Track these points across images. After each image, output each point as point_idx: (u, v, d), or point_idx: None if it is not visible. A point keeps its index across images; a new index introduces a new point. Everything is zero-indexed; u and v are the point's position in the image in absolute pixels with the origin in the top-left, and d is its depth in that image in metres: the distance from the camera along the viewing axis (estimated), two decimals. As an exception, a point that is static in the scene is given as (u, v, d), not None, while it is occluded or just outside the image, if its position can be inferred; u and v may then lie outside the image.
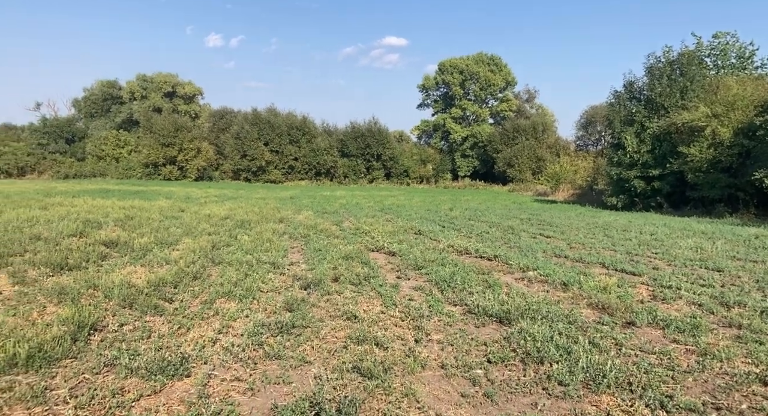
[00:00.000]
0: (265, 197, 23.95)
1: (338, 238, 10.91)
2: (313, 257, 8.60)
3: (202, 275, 6.95)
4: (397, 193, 34.07)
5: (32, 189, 23.98)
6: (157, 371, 3.64)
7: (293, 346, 4.42)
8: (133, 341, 4.32)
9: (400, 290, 6.58)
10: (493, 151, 49.68)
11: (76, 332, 4.29)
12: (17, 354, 3.64)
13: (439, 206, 21.70)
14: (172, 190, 28.21)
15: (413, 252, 9.12)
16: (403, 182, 50.43)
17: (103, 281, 6.12)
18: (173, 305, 5.53)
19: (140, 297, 5.51)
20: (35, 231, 9.23)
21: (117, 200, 18.17)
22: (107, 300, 5.44)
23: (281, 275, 7.22)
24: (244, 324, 4.94)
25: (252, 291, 6.13)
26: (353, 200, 24.41)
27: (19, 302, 5.20)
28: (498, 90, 55.10)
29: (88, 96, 60.11)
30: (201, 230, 10.88)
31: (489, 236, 11.76)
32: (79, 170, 44.72)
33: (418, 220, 15.00)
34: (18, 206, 13.50)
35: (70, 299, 5.34)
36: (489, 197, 31.20)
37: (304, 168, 47.95)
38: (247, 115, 50.16)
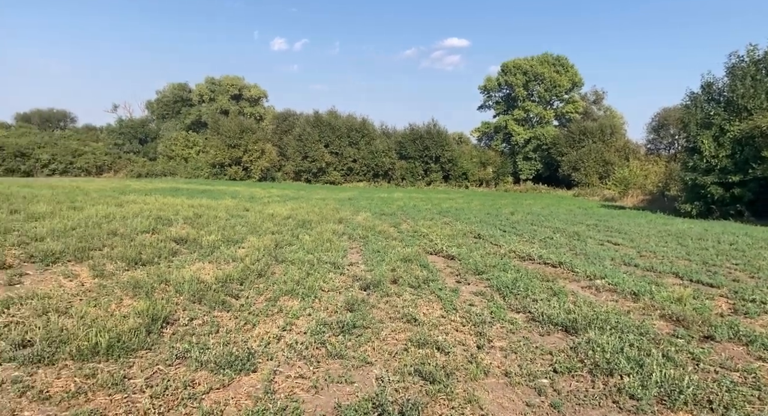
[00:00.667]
0: (325, 198, 24.35)
1: (396, 240, 10.92)
2: (371, 258, 8.65)
3: (266, 272, 7.13)
4: (455, 196, 33.78)
5: (109, 187, 25.45)
6: (226, 365, 3.76)
7: (355, 346, 4.45)
8: (202, 335, 4.48)
9: (460, 295, 6.50)
10: (558, 154, 48.32)
11: (150, 324, 4.49)
12: (99, 343, 3.86)
13: (500, 209, 21.33)
14: (237, 189, 29.18)
15: (473, 256, 8.99)
16: (462, 184, 49.91)
17: (174, 276, 6.38)
18: (239, 301, 5.70)
19: (209, 293, 5.71)
20: (112, 227, 9.76)
21: (186, 198, 18.97)
22: (178, 295, 5.68)
23: (341, 276, 7.30)
24: (306, 323, 5.02)
25: (314, 290, 6.22)
26: (411, 202, 24.40)
27: (99, 294, 5.51)
28: (564, 91, 53.56)
29: (161, 98, 63.28)
30: (265, 229, 11.16)
31: (553, 242, 11.44)
32: (151, 169, 47.08)
33: (478, 224, 14.80)
34: (96, 202, 14.34)
35: (145, 292, 5.60)
36: (552, 202, 30.36)
37: (362, 170, 48.43)
38: (308, 117, 51.24)
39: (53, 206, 12.42)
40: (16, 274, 6.14)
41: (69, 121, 76.32)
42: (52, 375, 3.51)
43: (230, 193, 25.04)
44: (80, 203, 13.84)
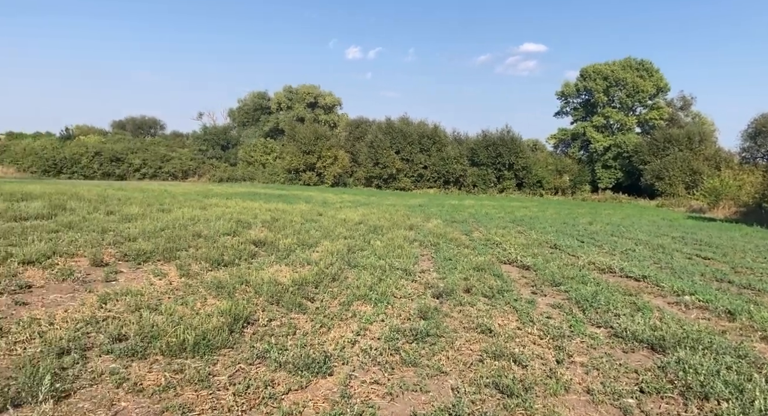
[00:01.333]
0: (395, 204, 24.47)
1: (468, 248, 10.77)
2: (443, 266, 8.58)
3: (339, 277, 7.24)
4: (529, 204, 32.91)
5: (193, 191, 26.87)
6: (303, 367, 3.84)
7: (429, 355, 4.41)
8: (280, 336, 4.60)
9: (536, 307, 6.30)
10: (640, 162, 45.93)
11: (232, 324, 4.67)
12: (186, 340, 4.06)
13: (577, 219, 20.54)
14: (310, 194, 29.96)
15: (549, 267, 8.70)
16: (536, 192, 48.56)
17: (253, 277, 6.61)
18: (315, 304, 5.82)
19: (286, 295, 5.88)
20: (197, 229, 10.27)
21: (263, 202, 19.68)
22: (257, 296, 5.87)
23: (413, 282, 7.29)
24: (380, 328, 5.04)
25: (386, 296, 6.24)
26: (482, 209, 24.03)
27: (186, 293, 5.81)
28: (647, 97, 50.91)
29: (242, 106, 66.27)
30: (337, 234, 11.36)
31: (636, 254, 10.86)
32: (232, 174, 49.30)
33: (554, 233, 14.32)
34: (182, 205, 15.18)
35: (227, 292, 5.85)
36: (634, 212, 28.87)
37: (433, 176, 48.28)
38: (381, 124, 51.82)
39: (144, 208, 13.27)
40: (112, 271, 6.59)
41: (159, 128, 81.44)
42: (145, 368, 3.73)
43: (304, 198, 25.73)
44: (168, 205, 14.69)
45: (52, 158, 43.80)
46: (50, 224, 9.42)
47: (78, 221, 9.94)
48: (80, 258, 7.13)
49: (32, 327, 4.33)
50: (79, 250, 7.46)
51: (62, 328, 4.35)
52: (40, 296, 5.38)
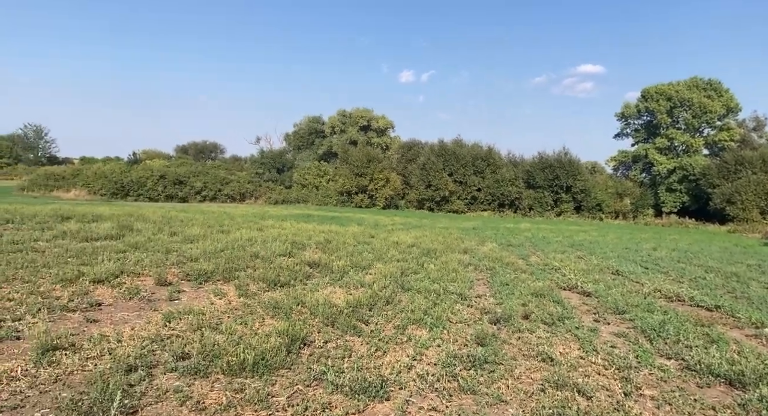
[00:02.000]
0: (448, 227, 24.26)
1: (525, 273, 10.49)
2: (500, 291, 8.38)
3: (393, 300, 7.20)
4: (588, 228, 31.87)
5: (250, 212, 27.65)
6: (360, 390, 3.81)
7: (487, 382, 4.28)
8: (336, 358, 4.60)
9: (599, 335, 6.03)
10: (708, 185, 43.64)
11: (289, 344, 4.71)
12: (246, 359, 4.12)
13: (640, 244, 19.66)
14: (362, 217, 30.19)
15: (612, 294, 8.34)
16: (596, 216, 46.95)
17: (308, 298, 6.68)
18: (369, 327, 5.79)
19: (341, 317, 5.89)
20: (254, 250, 10.52)
21: (317, 224, 19.99)
22: (313, 317, 5.92)
23: (469, 307, 7.15)
24: (436, 354, 4.95)
25: (441, 321, 6.15)
26: (539, 233, 23.43)
27: (244, 313, 5.93)
28: (716, 118, 48.58)
29: (297, 131, 68.13)
30: (390, 257, 11.34)
31: (706, 282, 10.24)
32: (287, 196, 50.45)
33: (615, 259, 13.75)
34: (241, 227, 15.61)
35: (284, 313, 5.92)
36: (702, 238, 27.36)
37: (487, 199, 47.65)
38: (433, 146, 51.84)
39: (205, 229, 13.74)
40: (175, 291, 6.82)
41: (219, 152, 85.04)
42: (207, 387, 3.80)
43: (356, 220, 25.95)
44: (227, 227, 15.16)
45: (120, 181, 46.28)
46: (118, 245, 9.90)
47: (144, 242, 10.40)
48: (146, 277, 7.43)
49: (102, 344, 4.51)
50: (145, 270, 7.78)
51: (130, 345, 4.51)
52: (109, 314, 5.63)
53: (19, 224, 12.02)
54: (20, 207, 16.80)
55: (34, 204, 20.76)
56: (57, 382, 3.74)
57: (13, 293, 5.93)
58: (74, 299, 5.91)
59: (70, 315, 5.43)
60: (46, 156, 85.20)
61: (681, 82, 49.99)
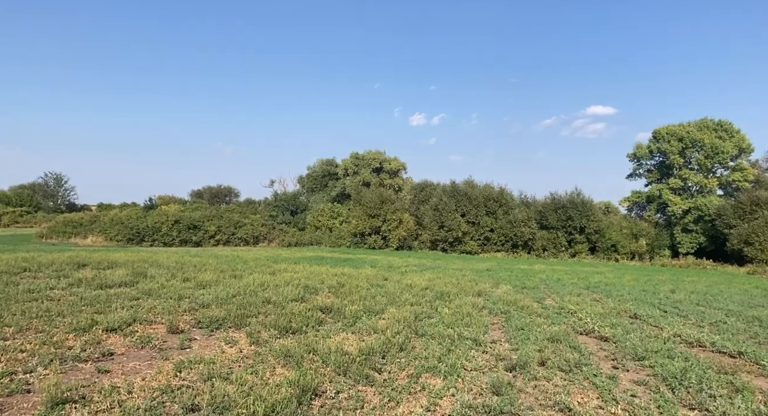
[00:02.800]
0: (462, 268, 24.06)
1: (541, 317, 10.31)
2: (515, 336, 8.23)
3: (406, 347, 7.09)
4: (603, 269, 31.39)
5: (263, 256, 27.73)
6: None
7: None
8: (348, 410, 4.52)
9: (618, 383, 5.86)
10: (724, 226, 43.02)
11: (300, 395, 4.64)
12: (256, 412, 4.07)
13: (658, 286, 19.29)
14: (376, 258, 30.10)
15: (630, 339, 8.15)
16: (611, 257, 46.31)
17: (320, 346, 6.60)
18: (382, 376, 5.70)
19: (353, 366, 5.80)
20: (266, 295, 10.50)
21: (330, 267, 19.94)
22: (324, 366, 5.84)
23: (484, 354, 7.02)
24: (450, 404, 4.84)
25: (456, 369, 6.03)
26: (554, 275, 23.13)
27: (255, 362, 5.87)
28: (729, 158, 48.36)
29: (310, 173, 68.95)
30: (404, 300, 11.24)
31: (728, 326, 9.97)
32: (300, 238, 50.60)
33: (632, 302, 13.48)
34: (253, 271, 15.64)
35: (295, 362, 5.85)
36: (721, 280, 26.78)
37: (500, 240, 47.37)
38: (445, 187, 52.08)
39: (217, 274, 13.78)
40: (186, 339, 6.80)
41: (233, 196, 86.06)
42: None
43: (370, 262, 25.87)
44: (240, 271, 15.19)
45: (136, 226, 46.83)
46: (132, 291, 9.95)
47: (157, 288, 10.44)
48: (158, 325, 7.43)
49: (113, 396, 4.48)
50: (157, 317, 7.79)
51: (140, 397, 4.48)
52: (120, 364, 5.61)
53: (35, 272, 12.16)
54: (38, 255, 17.03)
55: (51, 251, 21.04)
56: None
57: (26, 343, 5.95)
58: (87, 349, 5.91)
59: (81, 366, 5.43)
60: (65, 204, 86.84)
61: (691, 123, 50.13)
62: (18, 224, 68.43)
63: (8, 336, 6.29)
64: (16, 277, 11.19)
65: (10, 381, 4.77)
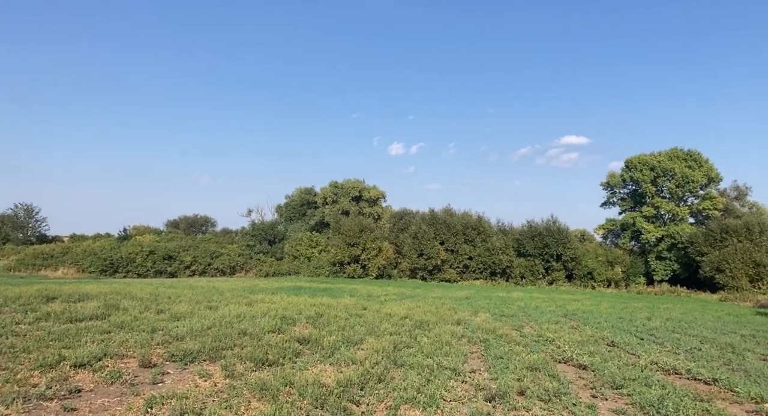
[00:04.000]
0: (441, 297, 24.00)
1: (519, 345, 10.31)
2: (494, 364, 8.20)
3: (385, 377, 7.00)
4: (581, 297, 31.63)
5: (240, 286, 27.29)
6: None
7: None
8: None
9: (598, 412, 5.86)
10: (697, 253, 43.90)
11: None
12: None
13: (634, 314, 19.48)
14: (355, 287, 29.87)
15: (608, 367, 8.18)
16: (588, 285, 46.77)
17: (297, 378, 6.48)
18: (360, 408, 5.60)
19: (330, 398, 5.70)
20: (242, 326, 10.30)
21: (308, 297, 19.70)
22: (301, 399, 5.72)
23: (463, 384, 6.97)
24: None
25: (435, 399, 5.96)
26: (532, 303, 23.21)
27: (230, 396, 5.72)
28: (698, 187, 49.71)
29: (289, 202, 68.63)
30: (383, 330, 11.14)
31: (702, 353, 10.08)
32: (278, 268, 50.01)
33: (610, 329, 13.58)
34: (229, 302, 15.37)
35: (271, 395, 5.72)
36: (695, 306, 27.17)
37: (478, 267, 47.53)
38: (424, 215, 52.34)
39: (193, 305, 13.50)
40: (159, 373, 6.61)
41: (210, 225, 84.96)
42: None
43: (349, 291, 25.65)
44: (215, 302, 14.91)
45: (110, 257, 45.74)
46: (103, 325, 9.67)
47: (130, 321, 10.17)
48: (130, 359, 7.22)
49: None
50: (129, 351, 7.57)
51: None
52: (88, 401, 5.41)
53: (1, 307, 11.75)
54: (4, 289, 16.50)
55: (19, 285, 20.41)
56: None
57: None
58: (52, 386, 5.69)
59: (46, 404, 5.21)
60: (35, 235, 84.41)
61: (663, 153, 51.57)
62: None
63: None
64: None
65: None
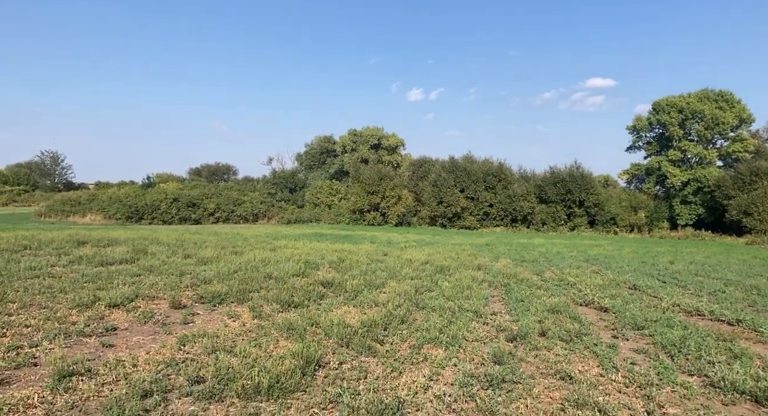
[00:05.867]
0: (461, 243, 24.13)
1: (541, 289, 10.37)
2: (515, 307, 8.28)
3: (408, 319, 7.13)
4: (603, 242, 31.50)
5: (263, 233, 27.73)
6: (376, 413, 3.76)
7: (505, 402, 4.21)
8: (352, 380, 4.56)
9: (619, 352, 5.92)
10: (724, 197, 43.00)
11: (304, 366, 4.68)
12: (261, 383, 4.10)
13: (656, 258, 19.40)
14: (375, 234, 30.15)
15: (630, 309, 8.21)
16: (610, 230, 46.45)
17: (322, 319, 6.65)
18: (384, 347, 5.74)
19: (355, 337, 5.85)
20: (267, 271, 10.53)
21: (329, 243, 19.98)
22: (327, 338, 5.88)
23: (484, 325, 7.07)
24: (453, 373, 4.89)
25: (457, 339, 6.08)
26: (553, 248, 23.21)
27: (258, 335, 5.91)
28: (729, 129, 48.04)
29: (308, 151, 68.66)
30: (404, 275, 11.28)
31: (726, 296, 10.04)
32: (299, 215, 50.61)
33: (632, 273, 13.56)
34: (254, 248, 15.66)
35: (298, 334, 5.90)
36: (720, 250, 26.90)
37: (499, 214, 47.44)
38: (444, 163, 51.91)
39: (218, 251, 13.81)
40: (189, 313, 6.84)
41: (231, 173, 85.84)
42: (222, 411, 3.78)
43: (369, 238, 25.90)
44: (240, 248, 15.21)
45: (135, 204, 46.71)
46: (133, 268, 9.97)
47: (158, 265, 10.46)
48: (160, 301, 7.46)
49: (118, 369, 4.52)
50: (160, 293, 7.82)
51: (145, 370, 4.52)
52: (124, 338, 5.65)
53: (36, 250, 12.17)
54: (37, 233, 17.02)
55: (50, 230, 21.03)
56: (73, 409, 3.74)
57: (30, 319, 5.98)
58: (90, 324, 5.95)
59: (86, 340, 5.47)
60: (62, 182, 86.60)
61: (692, 94, 49.70)
62: (16, 202, 68.32)
63: (12, 312, 6.33)
64: (17, 255, 11.20)
65: (17, 354, 4.81)
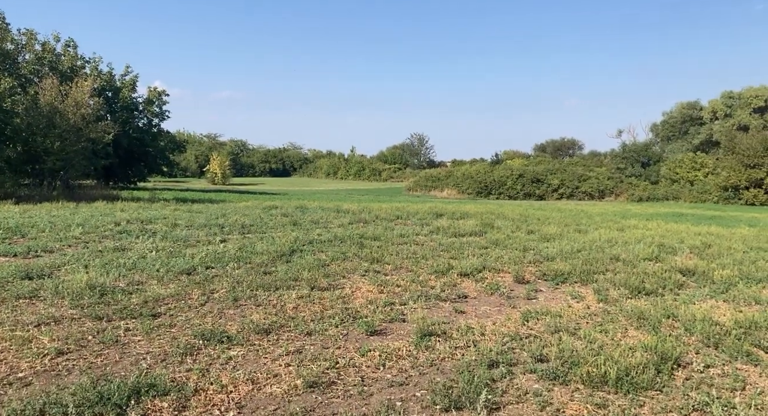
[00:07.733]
0: None
1: None
2: None
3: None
4: None
5: (610, 211, 26.05)
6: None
7: None
8: (723, 389, 3.79)
9: None
10: None
11: (659, 363, 4.13)
12: (607, 372, 3.78)
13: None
14: (755, 216, 24.77)
15: None
16: None
17: (681, 312, 5.76)
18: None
19: (727, 339, 4.86)
20: (614, 252, 9.77)
21: (690, 225, 17.32)
22: (688, 334, 5.07)
23: None
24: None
25: None
26: None
27: (604, 320, 5.51)
28: None
29: (667, 120, 61.15)
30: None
31: None
32: (652, 192, 45.84)
33: None
34: (599, 226, 14.80)
35: (650, 326, 5.26)
36: None
37: None
38: None
39: (561, 228, 13.57)
40: (532, 289, 6.89)
41: (577, 148, 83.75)
42: (566, 395, 3.64)
43: (746, 220, 21.41)
44: (584, 226, 14.62)
45: (483, 180, 50.41)
46: (481, 241, 10.69)
47: (503, 239, 10.93)
48: (505, 274, 7.76)
49: (468, 335, 4.87)
50: (504, 266, 8.14)
51: (491, 340, 4.74)
52: (473, 307, 6.08)
53: (405, 220, 14.39)
54: (406, 205, 20.10)
55: (416, 202, 24.55)
56: (432, 366, 4.18)
57: (400, 280, 7.02)
58: (445, 290, 6.61)
59: (441, 304, 6.09)
60: (426, 161, 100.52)
61: None
62: (393, 178, 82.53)
63: (388, 272, 7.57)
64: (392, 223, 13.45)
65: (391, 309, 5.69)
